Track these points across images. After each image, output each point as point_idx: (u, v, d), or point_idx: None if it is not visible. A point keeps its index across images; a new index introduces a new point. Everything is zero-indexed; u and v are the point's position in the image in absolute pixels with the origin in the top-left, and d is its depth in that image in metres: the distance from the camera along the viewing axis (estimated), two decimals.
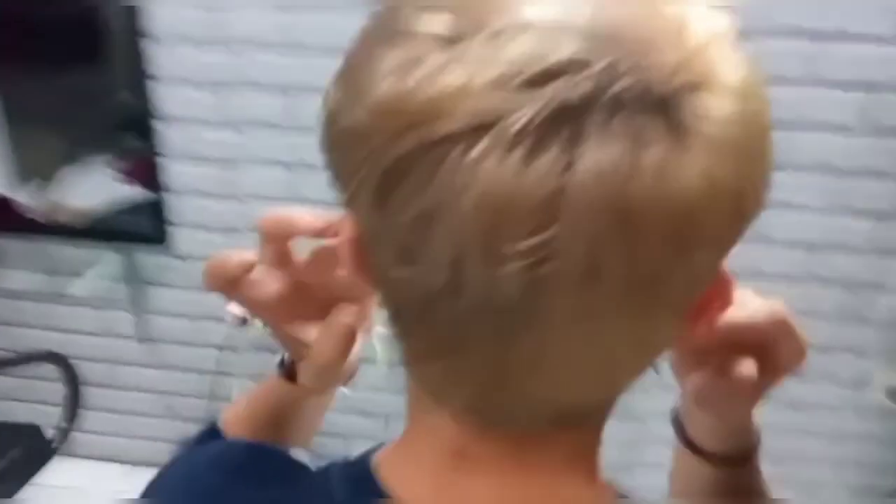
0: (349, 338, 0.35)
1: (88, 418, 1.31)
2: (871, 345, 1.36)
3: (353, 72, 0.25)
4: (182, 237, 1.41)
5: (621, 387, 0.28)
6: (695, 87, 0.21)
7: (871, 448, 1.50)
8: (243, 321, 1.42)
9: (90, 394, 1.33)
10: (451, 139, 0.22)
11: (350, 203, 0.26)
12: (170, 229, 1.40)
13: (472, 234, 0.22)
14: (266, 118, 1.29)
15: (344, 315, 0.35)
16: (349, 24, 0.25)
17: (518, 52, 0.21)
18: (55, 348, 1.31)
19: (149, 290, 1.45)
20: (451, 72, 0.22)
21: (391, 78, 0.23)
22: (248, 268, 0.35)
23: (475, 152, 0.21)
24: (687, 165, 0.21)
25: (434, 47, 0.23)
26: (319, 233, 0.34)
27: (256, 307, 0.38)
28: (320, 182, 1.12)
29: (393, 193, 0.23)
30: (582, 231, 0.21)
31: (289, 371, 0.45)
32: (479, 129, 0.21)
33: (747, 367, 0.36)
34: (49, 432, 1.13)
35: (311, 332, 0.38)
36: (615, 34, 0.21)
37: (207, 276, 0.36)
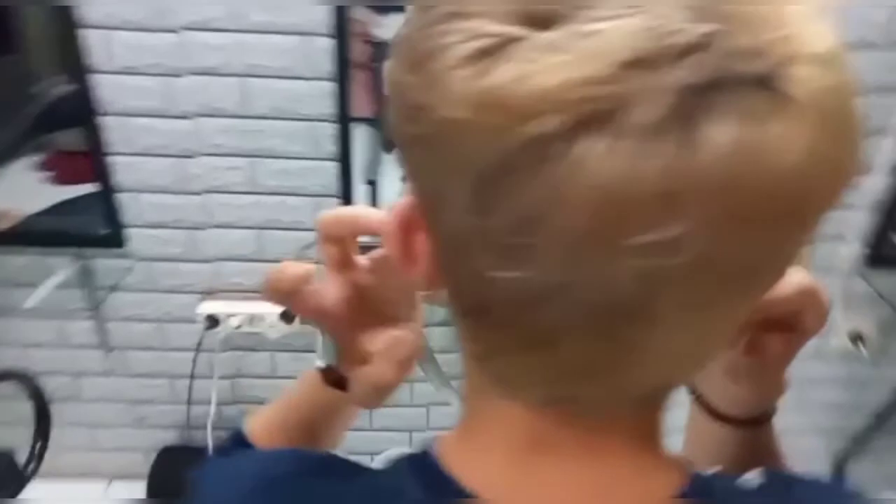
0: (410, 362, 0.36)
1: (56, 436, 1.24)
2: (832, 291, 1.42)
3: (429, 59, 0.23)
4: (140, 237, 1.34)
5: (706, 365, 0.28)
6: (795, 59, 0.21)
7: (836, 392, 1.57)
8: (215, 322, 1.37)
9: (55, 410, 1.26)
10: (560, 133, 0.20)
11: (432, 204, 0.25)
12: (126, 230, 1.33)
13: (588, 231, 0.21)
14: (219, 106, 1.23)
15: (407, 337, 0.36)
16: (304, 6, 0.23)
17: (625, 34, 0.20)
18: (12, 365, 1.23)
19: (108, 296, 1.38)
20: (555, 60, 0.20)
21: (482, 67, 0.21)
22: (306, 279, 0.36)
23: (587, 145, 0.20)
24: (798, 140, 0.21)
25: (527, 31, 0.21)
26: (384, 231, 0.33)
27: (317, 314, 0.39)
28: (282, 170, 1.09)
29: (495, 193, 0.22)
30: (703, 219, 0.20)
31: (335, 378, 0.45)
32: (591, 120, 0.20)
33: (780, 343, 0.37)
34: (21, 457, 1.07)
35: (369, 339, 0.38)
36: (719, 11, 0.20)
37: (267, 289, 0.36)
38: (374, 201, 1.61)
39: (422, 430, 1.59)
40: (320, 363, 0.48)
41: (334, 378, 0.47)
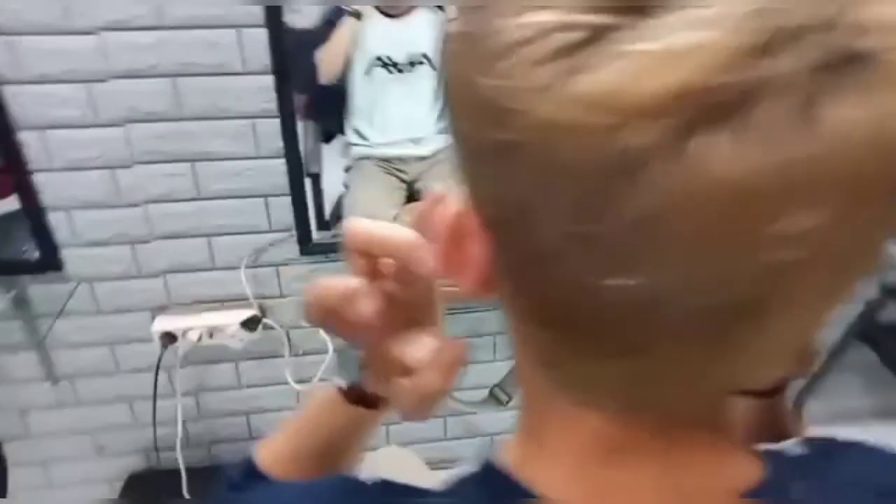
0: (458, 367, 0.35)
1: (10, 477, 1.16)
2: None
3: (509, 55, 0.21)
4: (78, 259, 1.25)
5: (793, 360, 0.27)
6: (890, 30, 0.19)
7: None
8: (172, 338, 1.30)
9: (6, 451, 1.18)
10: (680, 130, 0.19)
11: (515, 213, 0.23)
12: (62, 252, 1.23)
13: (710, 230, 0.20)
14: (151, 110, 1.15)
15: (453, 343, 0.35)
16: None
17: (738, 18, 0.18)
18: None
19: (50, 325, 1.29)
20: (667, 51, 0.19)
21: (577, 62, 0.19)
22: (353, 296, 0.34)
23: (709, 140, 0.19)
24: None
25: (621, 20, 0.19)
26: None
27: (356, 331, 0.37)
28: (226, 172, 1.02)
29: (605, 198, 0.20)
30: (830, 208, 0.19)
31: (359, 396, 0.43)
32: (713, 114, 0.19)
33: None
34: None
35: (406, 348, 0.38)
36: None
37: (309, 310, 0.35)
38: (318, 194, 1.56)
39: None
40: (339, 382, 0.45)
41: (358, 396, 0.44)
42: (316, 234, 1.34)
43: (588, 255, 0.21)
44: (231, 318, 1.32)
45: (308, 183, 1.32)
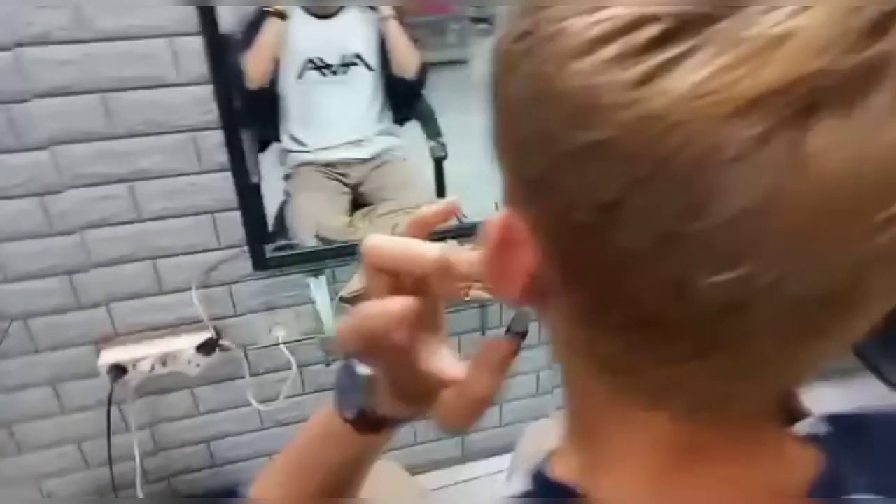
0: (507, 366, 0.34)
1: None
2: None
3: (594, 50, 0.20)
4: (9, 294, 1.16)
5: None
6: None
7: None
8: (122, 370, 1.22)
9: None
10: (789, 120, 0.18)
11: (593, 216, 0.22)
12: None
13: (816, 219, 0.19)
14: (81, 129, 1.07)
15: (499, 341, 0.34)
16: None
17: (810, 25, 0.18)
18: None
19: None
20: (771, 40, 0.18)
21: (672, 55, 0.19)
22: (402, 321, 0.32)
23: (819, 128, 0.18)
24: None
25: (707, 8, 0.19)
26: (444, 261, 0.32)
27: (394, 353, 0.36)
28: (167, 190, 0.96)
29: (708, 193, 0.19)
30: None
31: (372, 422, 0.42)
32: (823, 101, 0.18)
33: None
34: None
35: (438, 363, 0.37)
36: None
37: (348, 342, 0.33)
38: (259, 206, 1.50)
39: None
40: (346, 412, 0.43)
41: (370, 423, 0.42)
42: (268, 248, 1.29)
43: (685, 253, 0.21)
44: (185, 343, 1.25)
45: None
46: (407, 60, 1.47)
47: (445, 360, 0.37)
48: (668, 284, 0.22)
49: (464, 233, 1.33)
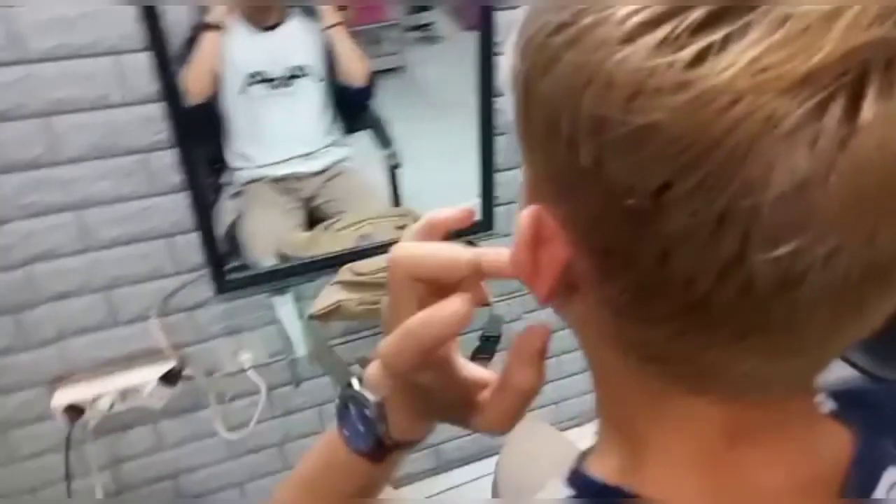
0: (545, 353, 0.34)
1: None
2: None
3: (646, 32, 0.21)
4: None
5: None
6: None
7: None
8: (79, 411, 1.15)
9: None
10: (849, 89, 0.19)
11: (644, 203, 0.22)
12: None
13: (874, 189, 0.20)
14: (23, 157, 1.00)
15: (538, 327, 0.33)
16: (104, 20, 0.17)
17: None
18: None
19: None
20: (817, 18, 0.19)
21: (725, 35, 0.20)
22: (468, 318, 0.31)
23: (879, 95, 0.19)
24: None
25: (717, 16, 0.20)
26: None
27: (442, 362, 0.35)
28: (118, 217, 0.91)
29: (765, 166, 0.20)
30: None
31: (387, 448, 0.41)
32: (858, 79, 0.19)
33: None
34: None
35: (467, 366, 0.36)
36: None
37: (409, 351, 0.32)
38: (210, 228, 1.44)
39: None
40: (359, 444, 0.41)
41: (386, 450, 0.41)
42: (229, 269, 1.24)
43: (740, 231, 0.21)
44: (146, 376, 1.19)
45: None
46: (354, 68, 1.45)
47: (470, 364, 0.37)
48: (721, 265, 0.22)
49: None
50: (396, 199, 1.53)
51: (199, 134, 1.50)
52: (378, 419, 0.40)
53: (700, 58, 0.20)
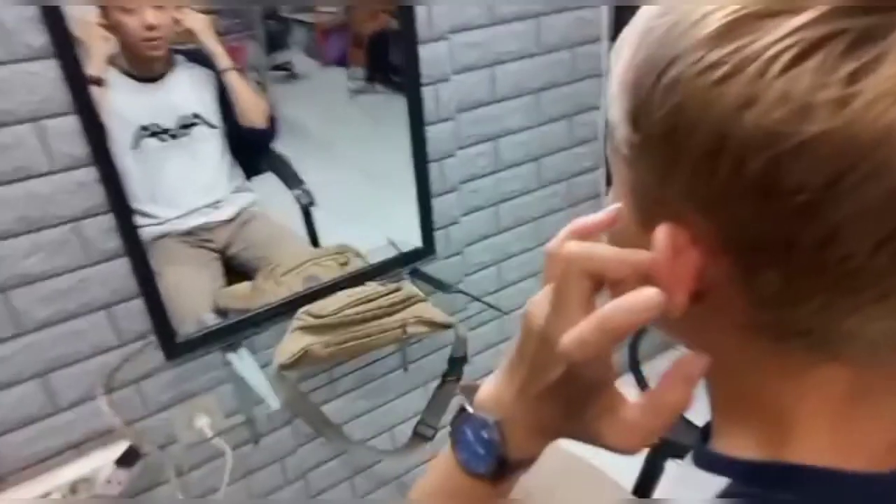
0: (698, 380, 0.34)
1: None
2: None
3: (804, 58, 0.25)
4: None
5: None
6: None
7: None
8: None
9: None
10: None
11: (813, 196, 0.25)
12: None
13: None
14: None
15: (695, 356, 0.34)
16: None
17: None
18: None
19: None
20: None
21: (870, 57, 0.24)
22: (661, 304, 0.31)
23: None
24: None
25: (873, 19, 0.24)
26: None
27: (608, 357, 0.35)
28: (52, 292, 0.87)
29: None
30: None
31: (510, 467, 0.41)
32: None
33: None
34: None
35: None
36: None
37: (607, 337, 0.32)
38: (153, 291, 1.36)
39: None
40: (479, 466, 0.42)
41: (508, 470, 0.41)
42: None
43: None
44: (100, 461, 1.09)
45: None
46: (254, 111, 1.43)
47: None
48: (880, 238, 0.26)
49: (364, 276, 1.33)
50: (314, 239, 1.51)
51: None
52: (499, 439, 0.40)
53: (855, 76, 0.24)
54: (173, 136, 1.39)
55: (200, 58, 1.34)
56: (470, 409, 0.42)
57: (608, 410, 0.37)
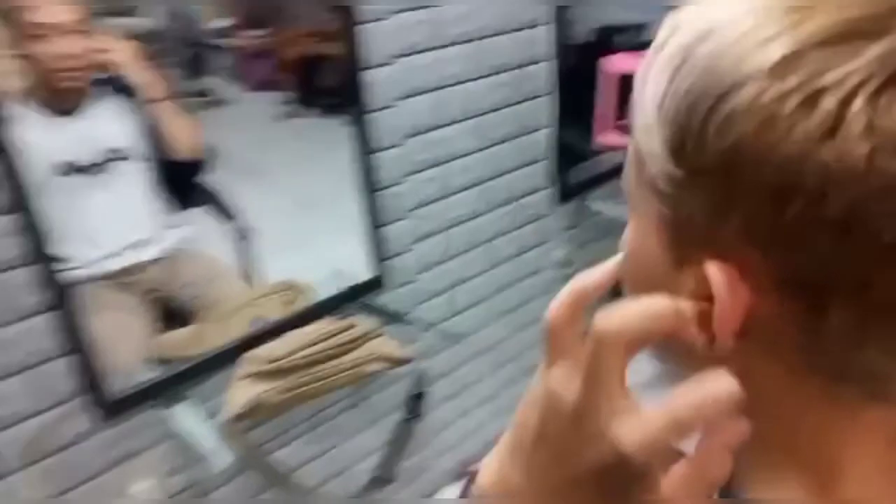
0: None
1: None
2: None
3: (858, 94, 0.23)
4: None
5: None
6: None
7: None
8: None
9: None
10: None
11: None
12: None
13: None
14: None
15: (741, 426, 0.31)
16: None
17: None
18: None
19: None
20: None
21: None
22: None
23: None
24: None
25: None
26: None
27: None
28: None
29: None
30: None
31: None
32: None
33: None
34: None
35: None
36: None
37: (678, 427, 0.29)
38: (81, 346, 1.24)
39: None
40: None
41: None
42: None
43: None
44: None
45: None
46: (184, 142, 1.34)
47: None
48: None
49: (313, 313, 1.27)
50: (254, 274, 1.43)
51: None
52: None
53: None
54: (94, 173, 1.28)
55: (124, 87, 1.24)
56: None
57: (647, 491, 0.34)
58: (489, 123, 1.44)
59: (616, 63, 1.71)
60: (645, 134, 0.30)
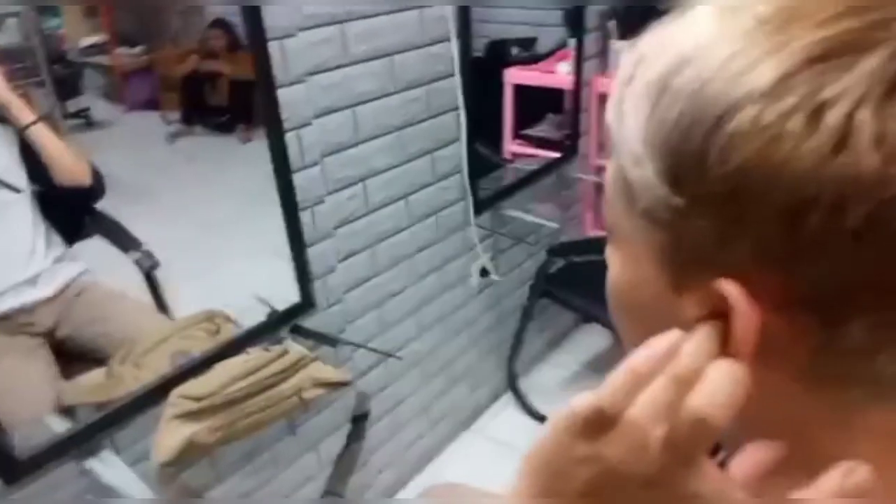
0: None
1: None
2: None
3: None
4: None
5: None
6: None
7: (487, 314, 1.92)
8: None
9: None
10: None
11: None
12: None
13: None
14: None
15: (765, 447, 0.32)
16: None
17: None
18: None
19: None
20: None
21: None
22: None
23: None
24: None
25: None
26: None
27: None
28: None
29: None
30: None
31: None
32: None
33: None
34: None
35: None
36: None
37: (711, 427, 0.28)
38: None
39: None
40: None
41: None
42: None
43: None
44: None
45: None
46: (71, 168, 1.24)
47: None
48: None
49: (241, 342, 1.21)
50: (161, 304, 1.34)
51: None
52: None
53: None
54: None
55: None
56: None
57: None
58: (404, 139, 1.45)
59: (513, 75, 1.85)
60: (634, 166, 0.30)
